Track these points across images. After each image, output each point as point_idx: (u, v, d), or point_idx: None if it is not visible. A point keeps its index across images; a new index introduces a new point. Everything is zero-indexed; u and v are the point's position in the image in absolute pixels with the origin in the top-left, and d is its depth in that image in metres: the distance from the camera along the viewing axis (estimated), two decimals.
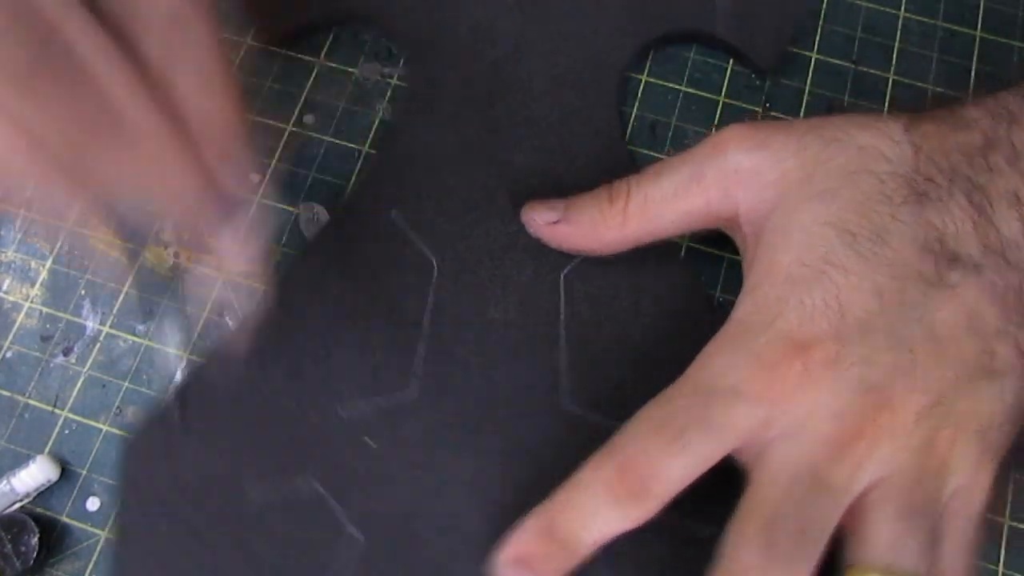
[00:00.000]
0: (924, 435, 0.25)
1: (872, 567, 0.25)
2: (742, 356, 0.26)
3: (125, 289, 0.33)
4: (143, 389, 0.32)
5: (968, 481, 0.26)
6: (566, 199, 0.31)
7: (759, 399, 0.26)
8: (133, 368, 0.32)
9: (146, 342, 0.32)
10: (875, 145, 0.27)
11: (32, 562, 0.28)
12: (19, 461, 0.31)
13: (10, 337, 0.32)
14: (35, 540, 0.29)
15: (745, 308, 0.27)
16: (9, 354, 0.32)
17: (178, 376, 0.31)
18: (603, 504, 0.26)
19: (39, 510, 0.30)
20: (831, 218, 0.27)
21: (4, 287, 0.33)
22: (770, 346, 0.26)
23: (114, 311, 0.33)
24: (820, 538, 0.25)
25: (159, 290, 0.33)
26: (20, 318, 0.33)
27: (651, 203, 0.30)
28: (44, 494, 0.30)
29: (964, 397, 0.25)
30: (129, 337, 0.32)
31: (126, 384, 0.32)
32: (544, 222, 0.31)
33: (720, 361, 0.27)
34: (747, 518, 0.25)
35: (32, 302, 0.33)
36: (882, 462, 0.25)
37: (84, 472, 0.31)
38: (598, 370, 0.30)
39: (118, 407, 0.31)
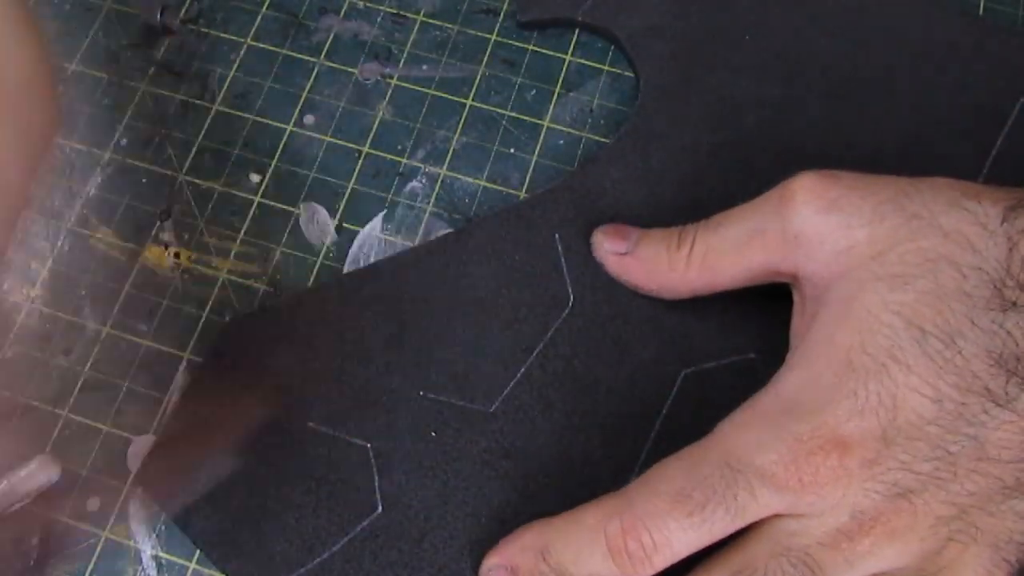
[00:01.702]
0: (935, 542, 0.24)
1: None
2: (780, 439, 0.24)
3: (125, 289, 0.33)
4: (143, 389, 0.32)
5: None
6: (640, 230, 0.30)
7: (787, 488, 0.24)
8: (133, 368, 0.32)
9: (146, 342, 0.32)
10: (963, 232, 0.24)
11: (32, 562, 0.28)
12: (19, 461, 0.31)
13: (10, 337, 0.32)
14: (35, 540, 0.28)
15: (793, 383, 0.25)
16: (9, 354, 0.32)
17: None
18: (600, 555, 0.25)
19: (39, 510, 0.30)
20: (902, 308, 0.24)
21: (4, 287, 0.33)
22: (812, 436, 0.24)
23: (114, 311, 0.33)
24: None
25: (159, 290, 0.33)
26: (20, 318, 0.33)
27: (712, 254, 0.29)
28: (44, 494, 0.30)
29: (989, 514, 0.24)
30: (129, 337, 0.32)
31: (126, 384, 0.32)
32: (613, 251, 0.31)
33: (755, 437, 0.25)
34: (721, 565, 0.25)
35: (32, 302, 0.33)
36: (882, 560, 0.24)
37: (84, 472, 0.31)
38: None
39: (118, 407, 0.31)
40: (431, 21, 0.37)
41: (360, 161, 0.35)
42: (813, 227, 0.26)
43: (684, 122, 0.34)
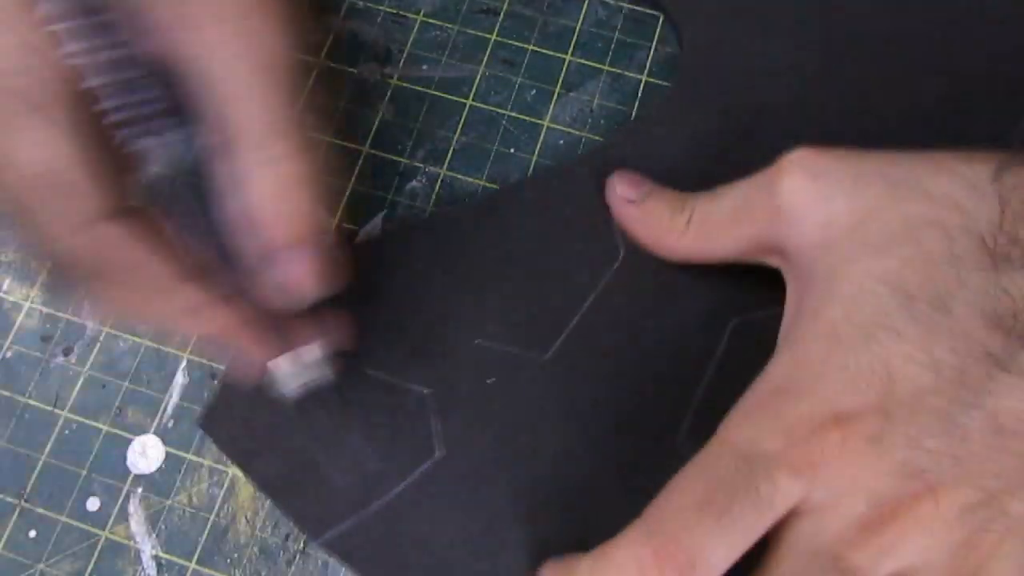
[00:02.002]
0: (966, 533, 0.22)
1: None
2: (781, 424, 0.24)
3: None
4: (143, 389, 0.32)
5: None
6: (653, 185, 0.31)
7: (798, 471, 0.23)
8: (133, 368, 0.32)
9: (146, 342, 0.32)
10: (950, 195, 0.24)
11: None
12: (19, 461, 0.31)
13: (10, 337, 0.32)
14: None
15: (784, 366, 0.25)
16: (9, 354, 0.32)
17: None
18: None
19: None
20: (886, 275, 0.24)
21: (4, 287, 0.33)
22: (807, 414, 0.23)
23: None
24: None
25: None
26: (20, 318, 0.33)
27: (708, 223, 0.29)
28: (44, 494, 0.30)
29: (1021, 500, 0.22)
30: (129, 337, 0.32)
31: (126, 384, 0.32)
32: (623, 196, 0.31)
33: (755, 426, 0.24)
34: None
35: (32, 302, 0.33)
36: (912, 554, 0.23)
37: (84, 472, 0.31)
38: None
39: (118, 407, 0.31)
40: (431, 21, 0.37)
41: (360, 161, 0.35)
42: (797, 200, 0.26)
43: (728, 83, 0.34)
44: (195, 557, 0.30)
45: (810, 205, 0.26)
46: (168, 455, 0.31)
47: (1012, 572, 0.22)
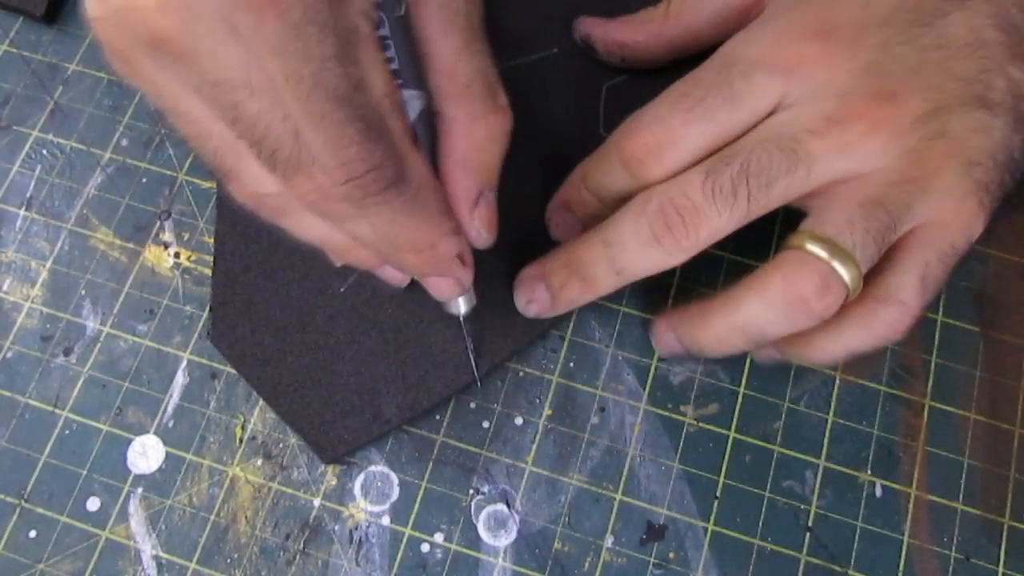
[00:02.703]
0: (917, 141, 0.26)
1: (811, 234, 0.26)
2: (767, 32, 0.28)
3: (125, 289, 0.33)
4: (143, 389, 0.32)
5: (946, 216, 0.27)
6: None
7: (776, 69, 0.27)
8: (133, 368, 0.32)
9: (146, 342, 0.32)
10: None
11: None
12: (19, 461, 0.31)
13: (10, 337, 0.32)
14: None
15: (771, 6, 0.29)
16: (9, 354, 0.32)
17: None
18: (616, 166, 0.28)
19: None
20: None
21: (4, 287, 0.33)
22: (794, 23, 0.27)
23: (114, 311, 0.33)
24: (763, 194, 0.26)
25: (159, 290, 0.33)
26: (20, 318, 0.33)
27: (688, 1, 0.32)
28: (44, 494, 0.30)
29: (959, 120, 0.26)
30: (129, 337, 0.32)
31: (126, 384, 0.32)
32: (593, 23, 0.34)
33: (745, 37, 0.28)
34: (715, 156, 0.27)
35: (32, 302, 0.33)
36: (868, 154, 0.26)
37: (84, 472, 0.31)
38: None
39: (118, 407, 0.31)
40: None
41: None
42: None
43: None
44: (195, 557, 0.30)
45: None
46: (168, 455, 0.31)
47: (955, 194, 0.26)
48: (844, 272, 0.26)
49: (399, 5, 0.24)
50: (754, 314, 0.27)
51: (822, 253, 0.26)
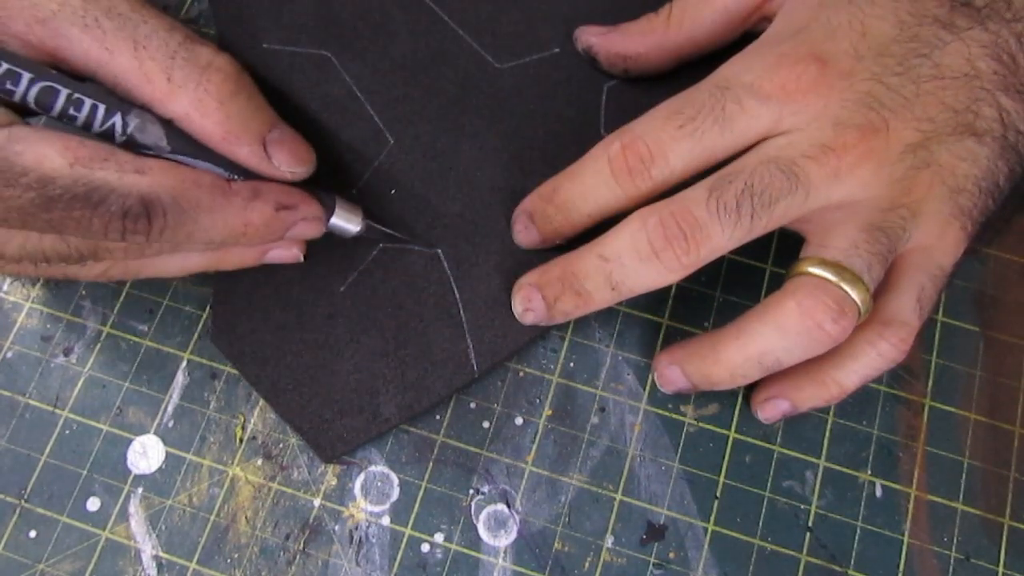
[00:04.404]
0: (905, 170, 0.27)
1: (819, 259, 0.27)
2: (764, 58, 0.28)
3: (125, 289, 0.33)
4: (143, 389, 0.32)
5: (932, 240, 0.28)
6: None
7: (771, 97, 0.27)
8: (133, 368, 0.32)
9: (146, 342, 0.32)
10: None
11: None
12: (19, 461, 0.31)
13: (10, 337, 0.32)
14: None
15: (775, 26, 0.30)
16: (9, 354, 0.32)
17: None
18: (603, 177, 0.28)
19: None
20: None
21: (4, 287, 0.33)
22: (792, 50, 0.27)
23: (114, 311, 0.33)
24: (765, 213, 0.26)
25: (159, 290, 0.33)
26: (20, 318, 0.33)
27: (689, 8, 0.32)
28: (44, 494, 0.30)
29: (947, 149, 0.27)
30: (129, 337, 0.32)
31: (126, 384, 0.32)
32: (596, 32, 0.34)
33: (742, 62, 0.28)
34: (715, 174, 0.27)
35: (32, 302, 0.33)
36: (858, 182, 0.27)
37: (84, 472, 0.31)
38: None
39: (118, 407, 0.31)
40: None
41: None
42: None
43: None
44: (195, 557, 0.30)
45: None
46: (168, 455, 0.31)
47: (940, 218, 0.27)
48: (856, 295, 0.27)
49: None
50: (770, 343, 0.27)
51: (833, 278, 0.27)
